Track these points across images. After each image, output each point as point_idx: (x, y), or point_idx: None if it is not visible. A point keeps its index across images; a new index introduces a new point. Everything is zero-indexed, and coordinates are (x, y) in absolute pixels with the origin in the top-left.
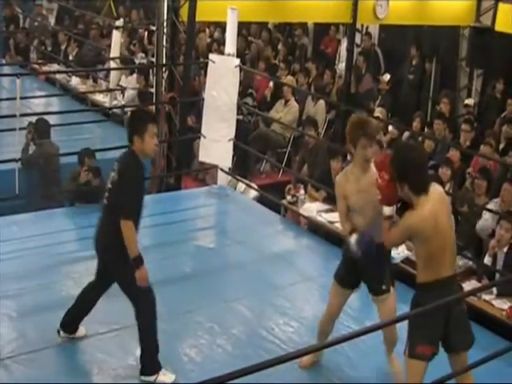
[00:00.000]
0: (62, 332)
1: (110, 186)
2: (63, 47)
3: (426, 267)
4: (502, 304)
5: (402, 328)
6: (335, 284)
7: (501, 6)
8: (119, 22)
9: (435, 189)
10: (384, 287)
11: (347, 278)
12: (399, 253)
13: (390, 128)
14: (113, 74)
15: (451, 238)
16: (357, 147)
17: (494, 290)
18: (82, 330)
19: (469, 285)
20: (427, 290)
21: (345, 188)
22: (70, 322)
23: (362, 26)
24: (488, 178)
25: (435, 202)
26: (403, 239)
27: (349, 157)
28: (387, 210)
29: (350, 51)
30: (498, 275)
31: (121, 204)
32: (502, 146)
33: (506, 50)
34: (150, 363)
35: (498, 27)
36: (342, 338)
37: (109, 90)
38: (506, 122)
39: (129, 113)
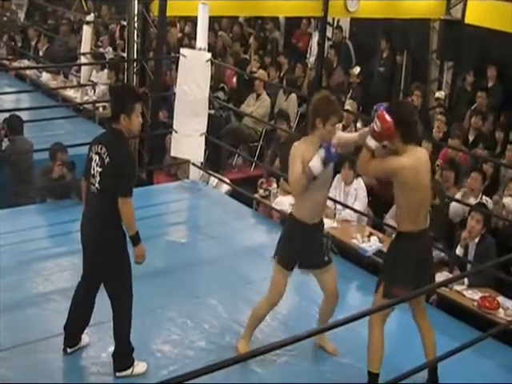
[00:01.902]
0: (68, 349)
1: (99, 169)
2: (33, 43)
3: (406, 218)
4: (474, 294)
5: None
6: (281, 268)
7: None
8: (90, 17)
9: (422, 150)
10: (326, 258)
11: (289, 259)
12: (371, 245)
13: (358, 125)
14: (84, 69)
15: (428, 197)
16: (327, 124)
17: (466, 280)
18: (85, 339)
19: (441, 276)
20: (407, 238)
21: (304, 155)
22: (74, 334)
23: (333, 19)
24: (455, 168)
25: (419, 159)
26: (377, 173)
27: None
28: (372, 144)
29: (321, 45)
30: (469, 266)
31: (120, 184)
32: (471, 138)
33: (475, 43)
34: (125, 358)
35: (468, 20)
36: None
37: (80, 86)
38: (475, 114)
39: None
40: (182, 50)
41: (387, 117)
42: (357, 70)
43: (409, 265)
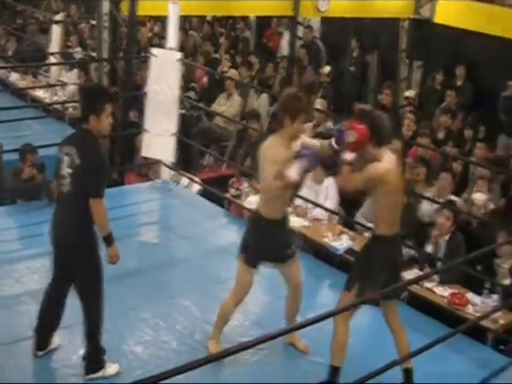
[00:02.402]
0: (39, 352)
1: (70, 171)
2: (2, 42)
3: (386, 221)
4: (444, 291)
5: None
6: (246, 266)
7: None
8: (59, 17)
9: (391, 151)
10: (290, 252)
11: (255, 257)
12: (342, 244)
13: (329, 124)
14: (53, 69)
15: (402, 198)
16: (296, 121)
17: (436, 277)
18: (56, 341)
19: (411, 273)
20: (384, 242)
21: (275, 158)
22: (45, 337)
23: (304, 19)
24: (427, 165)
25: (394, 160)
26: (365, 185)
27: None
28: (349, 157)
29: (291, 44)
30: (439, 263)
31: (93, 185)
32: (441, 136)
33: (444, 42)
34: (96, 361)
35: (437, 19)
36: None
37: (49, 86)
38: (445, 112)
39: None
40: (153, 50)
41: (359, 125)
42: (327, 69)
43: (383, 269)
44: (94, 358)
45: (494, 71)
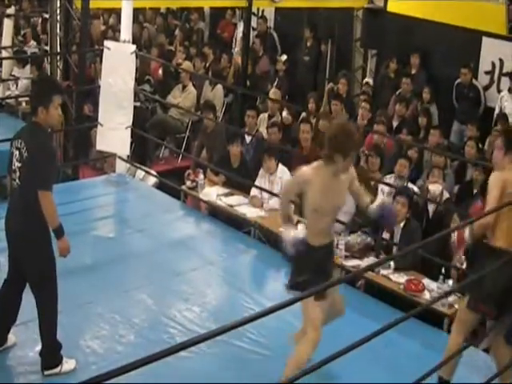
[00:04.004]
0: None
1: (19, 164)
2: None
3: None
4: (400, 278)
5: None
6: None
7: None
8: (10, 10)
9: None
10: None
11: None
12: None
13: (284, 113)
14: (5, 63)
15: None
16: (346, 158)
17: (392, 264)
18: (11, 339)
19: (367, 260)
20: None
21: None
22: (0, 334)
23: (258, 9)
24: (380, 154)
25: None
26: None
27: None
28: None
29: (246, 35)
30: (395, 250)
31: (40, 177)
32: (395, 123)
33: (398, 31)
34: (52, 356)
35: (390, 8)
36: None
37: (1, 81)
38: (399, 100)
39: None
40: (106, 43)
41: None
42: (283, 57)
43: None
44: (51, 354)
45: (448, 59)
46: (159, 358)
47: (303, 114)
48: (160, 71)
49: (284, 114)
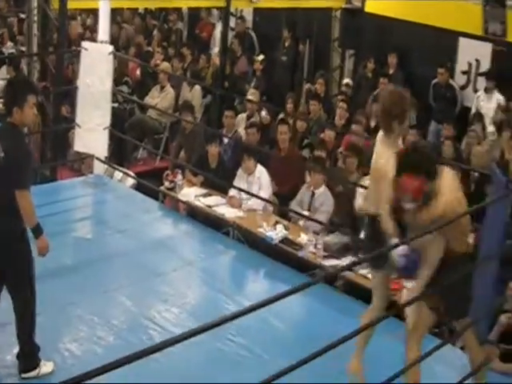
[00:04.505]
0: None
1: None
2: None
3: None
4: None
5: None
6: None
7: None
8: None
9: None
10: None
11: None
12: (277, 233)
13: (263, 113)
14: None
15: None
16: (403, 123)
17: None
18: None
19: (345, 260)
20: None
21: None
22: None
23: (236, 9)
24: (358, 154)
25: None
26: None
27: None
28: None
29: (224, 35)
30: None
31: (17, 177)
32: (373, 123)
33: (376, 31)
34: (30, 359)
35: (368, 9)
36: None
37: None
38: (377, 100)
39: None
40: (84, 44)
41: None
42: (260, 57)
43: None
44: (28, 357)
45: (425, 59)
46: (136, 359)
47: (281, 115)
48: (138, 72)
49: (263, 113)
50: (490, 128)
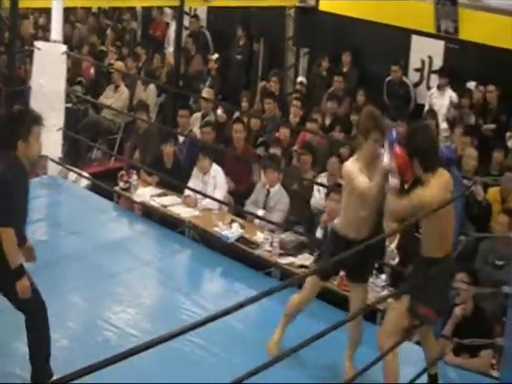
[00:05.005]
0: None
1: None
2: None
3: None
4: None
5: None
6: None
7: None
8: None
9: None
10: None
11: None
12: (233, 232)
13: (219, 112)
14: None
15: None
16: (367, 139)
17: None
18: None
19: (301, 258)
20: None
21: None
22: None
23: (191, 8)
24: (312, 152)
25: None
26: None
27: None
28: (393, 182)
29: (178, 34)
30: None
31: None
32: (328, 121)
33: (330, 29)
34: (39, 373)
35: (322, 7)
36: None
37: None
38: (331, 98)
39: None
40: (37, 43)
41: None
42: (215, 55)
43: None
44: (38, 371)
45: (379, 57)
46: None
47: (236, 113)
48: (92, 70)
49: (219, 112)
50: (443, 125)
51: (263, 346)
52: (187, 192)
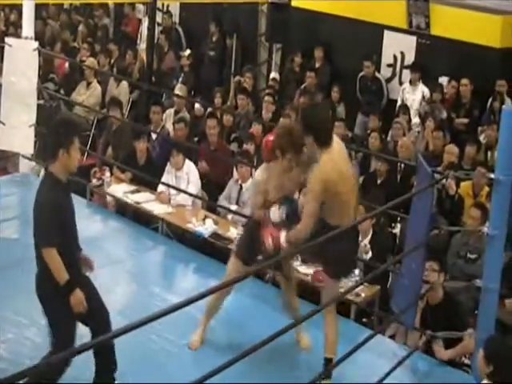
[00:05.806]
0: None
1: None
2: None
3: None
4: (307, 269)
5: None
6: None
7: None
8: None
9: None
10: None
11: None
12: (207, 228)
13: (197, 105)
14: None
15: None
16: (285, 156)
17: (299, 257)
18: None
19: None
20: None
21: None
22: None
23: (163, 4)
24: None
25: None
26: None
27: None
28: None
29: (151, 30)
30: None
31: (39, 232)
32: None
33: (302, 25)
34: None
35: (295, 3)
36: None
37: None
38: (304, 93)
39: None
40: (8, 40)
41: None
42: (187, 51)
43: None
44: None
45: (351, 53)
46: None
47: (209, 109)
48: (66, 66)
49: (197, 105)
50: (415, 119)
51: (233, 340)
52: (160, 188)
